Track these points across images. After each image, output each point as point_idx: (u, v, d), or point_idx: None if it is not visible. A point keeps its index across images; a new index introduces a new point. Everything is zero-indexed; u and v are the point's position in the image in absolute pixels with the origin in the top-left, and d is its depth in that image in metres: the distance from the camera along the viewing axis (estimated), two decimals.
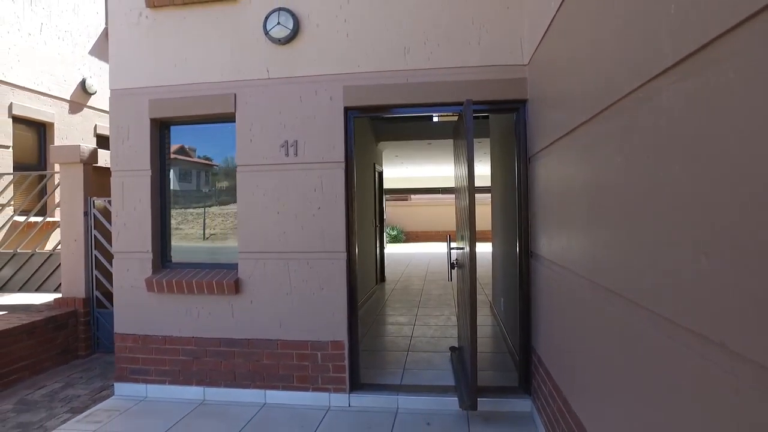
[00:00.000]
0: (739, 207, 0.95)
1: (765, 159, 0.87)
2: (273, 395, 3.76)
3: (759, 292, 0.88)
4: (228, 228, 4.09)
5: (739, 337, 0.96)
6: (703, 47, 1.08)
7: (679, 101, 1.22)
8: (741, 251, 0.95)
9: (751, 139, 0.92)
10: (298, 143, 3.66)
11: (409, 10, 3.59)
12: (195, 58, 3.86)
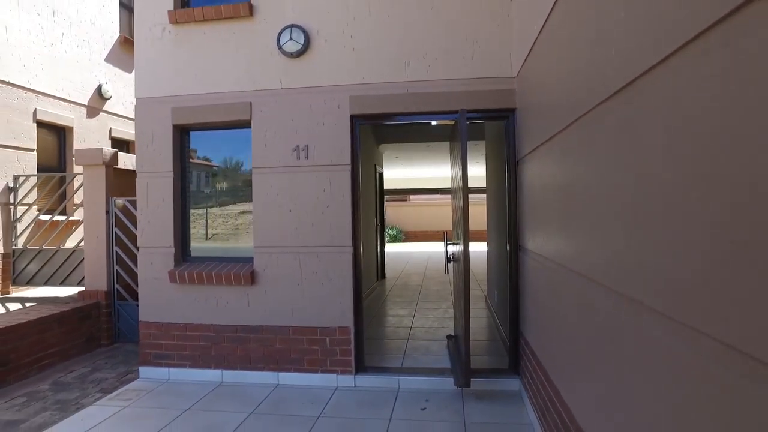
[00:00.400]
0: (662, 201, 1.33)
1: (668, 169, 1.25)
2: (285, 377, 4.13)
3: (683, 268, 1.26)
4: (243, 224, 4.46)
5: (672, 304, 1.34)
6: (628, 84, 1.47)
7: (615, 124, 1.60)
8: (664, 234, 1.33)
9: (656, 153, 1.30)
10: (308, 147, 4.04)
11: (409, 27, 3.97)
12: (214, 70, 4.23)
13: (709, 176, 1.03)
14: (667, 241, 1.24)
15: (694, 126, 1.10)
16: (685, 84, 1.14)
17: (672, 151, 1.21)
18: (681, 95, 1.16)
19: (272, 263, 4.13)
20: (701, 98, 1.06)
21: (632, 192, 1.47)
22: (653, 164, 1.32)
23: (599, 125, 1.80)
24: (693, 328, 1.11)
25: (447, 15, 3.92)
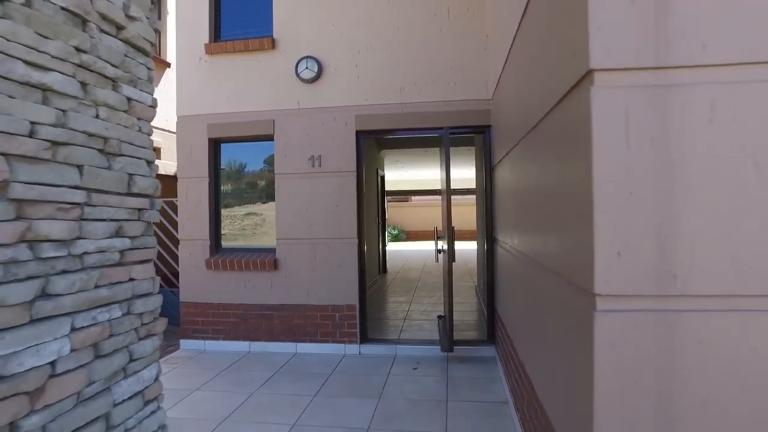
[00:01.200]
0: (564, 200, 2.19)
1: (545, 181, 2.11)
2: (302, 346, 5.00)
3: (545, 245, 2.12)
4: (266, 221, 5.34)
5: (549, 262, 2.20)
6: (538, 123, 2.33)
7: (534, 147, 2.46)
8: (544, 224, 2.18)
9: (544, 169, 2.15)
10: (321, 157, 4.91)
11: (403, 59, 4.83)
12: (242, 92, 5.11)
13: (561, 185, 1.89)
14: (545, 227, 2.10)
15: (551, 156, 1.96)
16: (543, 137, 2.00)
17: (547, 172, 2.07)
18: (539, 146, 2.02)
19: (291, 252, 5.00)
20: (554, 139, 1.92)
21: (535, 195, 2.33)
22: (541, 178, 2.17)
23: (529, 146, 2.65)
24: (556, 273, 1.96)
25: (434, 48, 4.79)
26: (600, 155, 1.46)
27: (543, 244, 2.22)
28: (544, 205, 2.19)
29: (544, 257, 2.21)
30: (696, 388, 1.40)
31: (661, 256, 1.44)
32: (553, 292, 2.03)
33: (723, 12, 1.41)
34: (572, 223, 1.70)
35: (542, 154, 2.23)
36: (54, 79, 1.26)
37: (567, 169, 1.77)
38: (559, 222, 1.91)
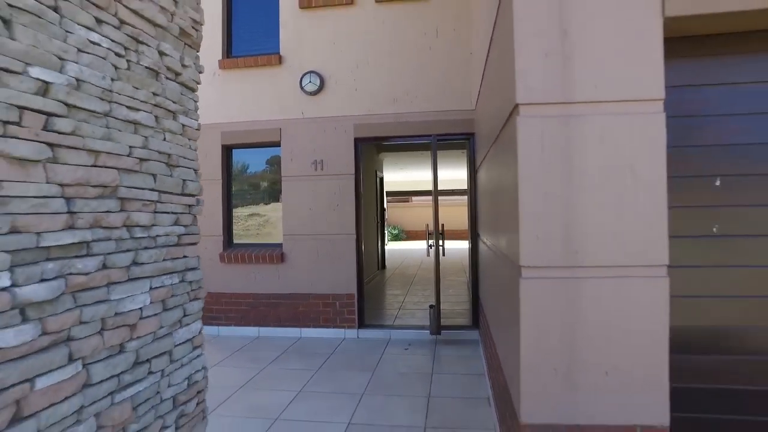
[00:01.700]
0: (507, 198, 2.77)
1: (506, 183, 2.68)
2: (306, 331, 5.57)
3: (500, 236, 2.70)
4: (273, 219, 5.92)
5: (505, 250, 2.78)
6: (497, 136, 2.91)
7: (495, 156, 3.04)
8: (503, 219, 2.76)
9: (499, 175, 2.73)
10: (323, 162, 5.49)
11: (397, 73, 5.41)
12: (252, 103, 5.69)
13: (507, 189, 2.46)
14: (500, 220, 2.67)
15: (505, 165, 2.53)
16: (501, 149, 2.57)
17: (500, 176, 2.64)
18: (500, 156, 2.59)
19: (296, 247, 5.58)
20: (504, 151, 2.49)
21: (496, 195, 2.90)
22: (498, 181, 2.74)
23: (494, 154, 3.22)
24: (505, 255, 2.53)
25: (424, 64, 5.37)
26: (524, 166, 2.04)
27: (499, 234, 2.80)
28: (499, 203, 2.77)
29: (500, 245, 2.79)
30: (587, 327, 1.98)
31: (566, 239, 2.02)
32: (504, 270, 2.61)
33: (608, 63, 1.99)
34: (510, 216, 2.29)
35: (499, 163, 2.81)
36: (141, 116, 1.83)
37: (507, 175, 2.35)
38: (505, 216, 2.48)
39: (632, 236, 1.99)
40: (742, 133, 2.19)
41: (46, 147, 1.41)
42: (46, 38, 1.41)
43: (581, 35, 2.00)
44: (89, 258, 1.57)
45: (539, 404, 2.06)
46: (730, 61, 2.19)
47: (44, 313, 1.39)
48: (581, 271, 2.01)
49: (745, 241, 2.23)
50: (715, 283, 2.22)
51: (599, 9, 2.00)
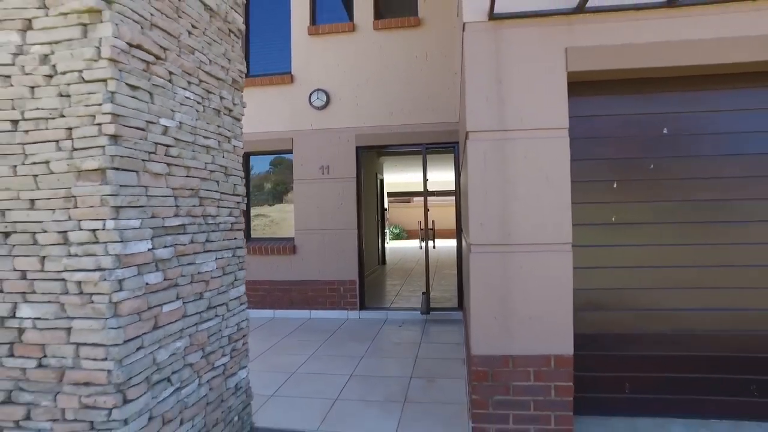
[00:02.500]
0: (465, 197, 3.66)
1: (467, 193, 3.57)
2: (315, 313, 6.46)
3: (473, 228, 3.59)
4: (286, 216, 6.82)
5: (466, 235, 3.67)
6: (463, 151, 3.79)
7: (463, 168, 3.92)
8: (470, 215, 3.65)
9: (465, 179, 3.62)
10: (329, 167, 6.39)
11: (392, 91, 6.30)
12: (268, 116, 6.59)
13: None
14: (465, 215, 3.55)
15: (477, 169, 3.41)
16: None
17: (465, 180, 3.52)
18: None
19: (306, 240, 6.48)
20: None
21: (465, 195, 3.78)
22: (465, 184, 3.62)
23: (463, 164, 4.11)
24: (465, 239, 3.41)
25: (415, 83, 6.26)
26: (472, 174, 2.93)
27: (465, 225, 3.68)
28: (464, 201, 3.65)
29: (465, 233, 3.67)
30: (516, 287, 2.87)
31: (501, 225, 2.90)
32: (466, 251, 3.49)
33: (529, 103, 2.87)
34: (467, 210, 3.17)
35: (464, 171, 3.70)
36: (210, 142, 2.73)
37: (466, 180, 3.24)
38: (466, 210, 3.36)
39: (546, 223, 2.87)
40: (626, 149, 3.09)
41: (166, 166, 2.31)
42: (166, 100, 2.31)
43: (510, 85, 2.89)
44: (185, 235, 2.47)
45: (484, 341, 2.95)
46: (614, 99, 3.10)
47: (165, 266, 2.29)
48: (512, 247, 2.90)
49: (634, 227, 3.13)
50: (610, 257, 3.12)
51: (524, 68, 2.89)
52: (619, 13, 2.85)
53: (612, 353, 3.15)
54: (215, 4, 2.79)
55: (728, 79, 3.01)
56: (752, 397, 3.03)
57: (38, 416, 1.99)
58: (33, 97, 1.99)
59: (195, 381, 2.53)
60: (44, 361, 2.00)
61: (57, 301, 1.98)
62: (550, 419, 2.90)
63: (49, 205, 1.99)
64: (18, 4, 1.97)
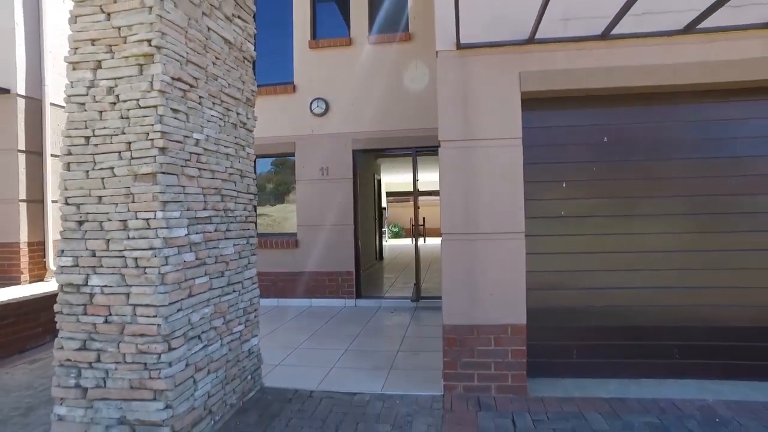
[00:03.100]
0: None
1: None
2: (315, 301, 7.11)
3: None
4: (289, 214, 7.46)
5: None
6: None
7: None
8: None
9: None
10: (328, 168, 7.04)
11: (384, 100, 6.94)
12: (273, 122, 7.23)
13: None
14: None
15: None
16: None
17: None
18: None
19: (307, 235, 7.12)
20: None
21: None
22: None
23: None
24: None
25: (405, 93, 6.89)
26: (443, 175, 3.58)
27: None
28: None
29: None
30: (479, 268, 3.51)
31: (467, 217, 3.55)
32: None
33: (489, 117, 3.51)
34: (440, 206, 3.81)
35: None
36: (229, 150, 3.38)
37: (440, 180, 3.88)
38: None
39: (503, 215, 3.51)
40: (573, 155, 3.73)
41: (197, 170, 2.95)
42: (197, 119, 2.96)
43: (475, 102, 3.53)
44: (211, 225, 3.12)
45: (453, 313, 3.59)
46: (563, 113, 3.74)
47: (197, 248, 2.93)
48: (476, 236, 3.54)
49: (579, 220, 3.76)
50: (560, 245, 3.75)
51: (485, 88, 3.53)
52: (561, 44, 3.49)
53: (561, 325, 3.79)
54: (233, 38, 3.44)
55: (650, 98, 3.65)
56: (674, 359, 3.66)
57: (106, 359, 2.64)
58: (101, 119, 2.64)
59: (218, 341, 3.17)
60: (109, 318, 2.64)
61: (119, 273, 2.63)
62: (507, 377, 3.55)
63: (113, 201, 2.64)
64: (91, 50, 2.61)
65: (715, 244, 3.66)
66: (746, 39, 3.39)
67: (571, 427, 3.04)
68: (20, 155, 6.38)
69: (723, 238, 3.66)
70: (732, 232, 3.65)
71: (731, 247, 3.64)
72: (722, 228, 3.66)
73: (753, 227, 3.62)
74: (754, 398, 3.35)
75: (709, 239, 3.67)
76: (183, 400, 2.73)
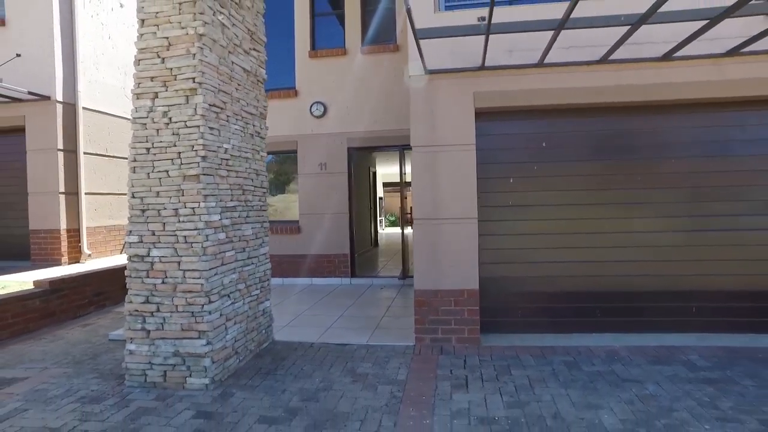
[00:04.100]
0: None
1: None
2: (315, 280, 8.14)
3: None
4: (292, 203, 8.46)
5: None
6: None
7: None
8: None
9: None
10: (326, 164, 8.02)
11: (375, 103, 7.89)
12: (277, 123, 8.17)
13: None
14: None
15: None
16: None
17: None
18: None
19: (309, 222, 8.13)
20: None
21: None
22: None
23: None
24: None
25: (393, 98, 7.83)
26: (414, 173, 4.59)
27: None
28: None
29: None
30: (442, 245, 4.53)
31: (433, 206, 4.56)
32: None
33: (450, 127, 4.51)
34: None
35: None
36: (248, 155, 4.36)
37: None
38: None
39: (461, 204, 4.51)
40: (518, 156, 4.71)
41: (226, 171, 3.95)
42: (226, 132, 3.95)
43: (439, 115, 4.51)
44: (235, 212, 4.12)
45: (423, 281, 4.60)
46: (510, 123, 4.72)
47: (227, 230, 3.94)
48: (439, 220, 4.54)
49: (523, 208, 4.76)
50: (507, 228, 4.76)
51: (447, 104, 4.51)
52: (506, 69, 4.46)
53: (508, 291, 4.81)
54: (250, 67, 4.41)
55: (577, 112, 4.62)
56: (596, 317, 4.69)
57: (163, 309, 3.66)
58: (158, 135, 3.63)
59: (241, 300, 4.20)
60: (165, 280, 3.66)
61: (172, 247, 3.64)
62: (464, 331, 4.57)
63: (167, 195, 3.64)
64: (150, 85, 3.60)
65: (627, 226, 4.66)
66: (645, 69, 4.35)
67: (507, 364, 4.07)
68: (59, 153, 7.36)
69: (633, 222, 4.66)
70: (640, 218, 4.65)
71: (639, 229, 4.65)
72: (634, 214, 4.66)
73: (657, 214, 4.63)
74: (649, 344, 4.38)
75: (621, 223, 4.67)
76: (218, 340, 3.76)
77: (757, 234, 4.55)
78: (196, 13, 3.56)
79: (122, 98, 8.65)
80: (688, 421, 2.99)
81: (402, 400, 3.41)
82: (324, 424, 3.06)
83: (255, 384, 3.75)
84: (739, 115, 4.56)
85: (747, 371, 3.75)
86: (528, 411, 3.19)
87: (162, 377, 3.68)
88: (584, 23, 3.56)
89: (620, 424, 2.97)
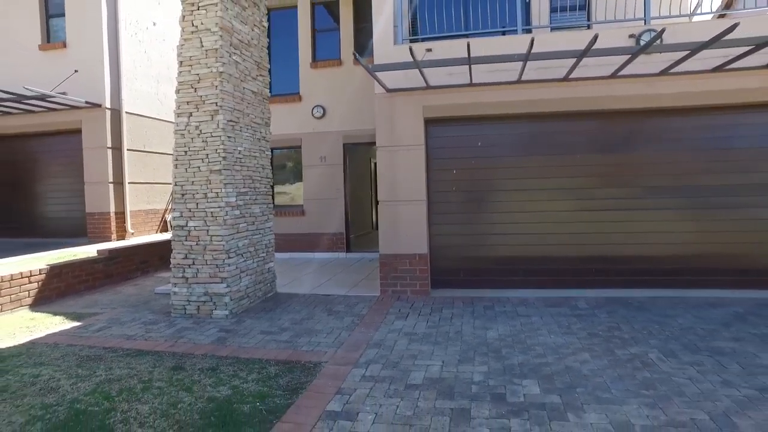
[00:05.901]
0: None
1: None
2: (316, 254, 9.75)
3: None
4: (297, 191, 10.06)
5: None
6: None
7: None
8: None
9: None
10: (326, 157, 9.58)
11: (366, 106, 9.37)
12: (283, 123, 9.76)
13: None
14: None
15: None
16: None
17: None
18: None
19: (311, 206, 9.73)
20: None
21: None
22: None
23: None
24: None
25: None
26: (379, 166, 6.13)
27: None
28: None
29: None
30: (399, 221, 6.08)
31: (392, 191, 6.10)
32: None
33: (405, 132, 6.02)
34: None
35: None
36: (256, 154, 5.92)
37: None
38: None
39: (414, 189, 6.02)
40: (459, 153, 6.20)
41: (240, 166, 5.54)
42: (239, 138, 5.54)
43: (398, 123, 6.02)
44: (247, 195, 5.72)
45: (386, 247, 6.16)
46: (453, 127, 6.19)
47: (241, 209, 5.55)
48: (398, 202, 6.08)
49: (463, 192, 6.26)
50: (451, 207, 6.26)
51: (403, 115, 6.01)
52: (448, 88, 5.92)
53: (454, 256, 6.32)
54: (257, 89, 5.98)
55: (503, 119, 6.06)
56: (521, 277, 6.17)
57: (197, 263, 5.29)
58: (192, 142, 5.24)
59: (252, 259, 5.82)
60: (198, 242, 5.29)
61: (203, 219, 5.26)
62: (417, 285, 6.11)
63: (199, 183, 5.25)
64: (186, 107, 5.19)
65: (545, 207, 6.10)
66: (550, 87, 5.75)
67: (441, 306, 5.60)
68: (108, 150, 9.10)
69: (550, 203, 6.10)
70: (555, 201, 6.09)
71: (555, 210, 6.09)
72: (552, 197, 6.10)
73: (570, 197, 6.06)
74: (555, 296, 5.85)
75: (541, 204, 6.11)
76: (235, 285, 5.39)
77: (646, 213, 5.94)
78: (217, 57, 5.13)
79: (156, 103, 10.35)
80: (542, 333, 4.49)
81: (358, 324, 4.99)
82: (303, 334, 4.67)
83: (260, 316, 5.38)
84: (624, 120, 5.93)
85: (610, 310, 5.20)
86: (440, 330, 4.73)
87: (196, 310, 5.34)
88: (493, 59, 4.99)
89: (497, 335, 4.49)
